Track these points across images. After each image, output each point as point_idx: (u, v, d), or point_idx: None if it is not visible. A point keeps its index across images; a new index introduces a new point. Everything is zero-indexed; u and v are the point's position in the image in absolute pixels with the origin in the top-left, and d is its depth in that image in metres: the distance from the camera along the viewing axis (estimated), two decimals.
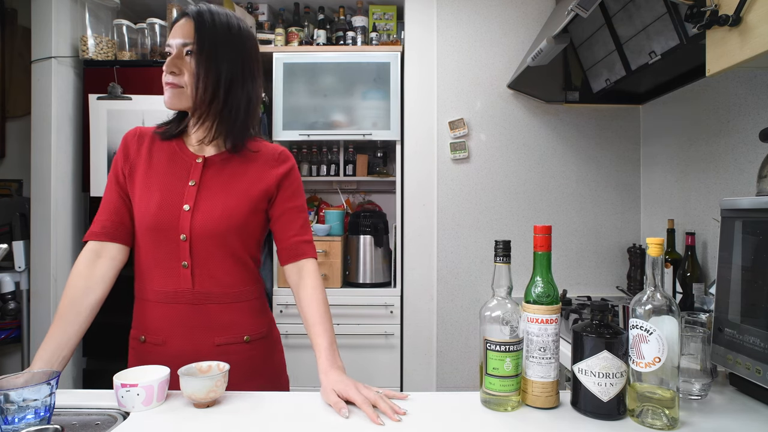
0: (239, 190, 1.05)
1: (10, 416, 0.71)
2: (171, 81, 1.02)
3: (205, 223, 1.02)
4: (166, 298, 1.03)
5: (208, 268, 1.03)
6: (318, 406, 0.88)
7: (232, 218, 1.03)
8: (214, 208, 1.03)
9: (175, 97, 1.04)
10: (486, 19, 2.28)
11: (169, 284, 1.02)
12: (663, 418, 0.78)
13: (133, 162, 1.08)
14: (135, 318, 1.08)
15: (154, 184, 1.05)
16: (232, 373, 0.93)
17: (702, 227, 1.76)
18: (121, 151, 1.10)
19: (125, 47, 2.34)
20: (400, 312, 2.28)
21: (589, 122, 2.27)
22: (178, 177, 1.05)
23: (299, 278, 1.08)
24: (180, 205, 1.02)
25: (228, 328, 1.05)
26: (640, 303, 0.81)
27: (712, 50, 1.07)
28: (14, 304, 2.33)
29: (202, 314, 1.03)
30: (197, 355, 1.01)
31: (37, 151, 2.23)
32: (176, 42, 1.02)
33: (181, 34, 1.01)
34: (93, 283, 1.02)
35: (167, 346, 1.02)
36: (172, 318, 1.02)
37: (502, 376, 0.83)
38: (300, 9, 2.58)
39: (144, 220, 1.02)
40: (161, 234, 1.02)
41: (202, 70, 1.01)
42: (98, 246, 1.04)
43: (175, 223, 1.02)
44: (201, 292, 1.03)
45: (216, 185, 1.05)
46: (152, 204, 1.02)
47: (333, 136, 2.36)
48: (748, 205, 0.93)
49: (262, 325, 1.10)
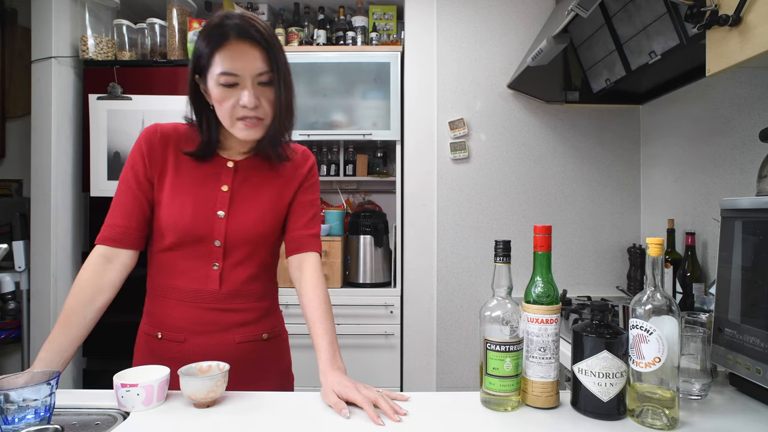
0: (270, 196, 1.06)
1: (10, 416, 0.71)
2: (255, 115, 0.97)
3: (240, 230, 1.03)
4: (190, 297, 1.02)
5: (236, 270, 1.04)
6: (319, 407, 0.88)
7: (266, 225, 1.05)
8: (249, 215, 1.04)
9: (258, 131, 1.00)
10: (486, 19, 2.28)
11: (196, 284, 1.02)
12: (663, 418, 0.78)
13: (161, 167, 1.03)
14: (149, 314, 1.07)
15: (184, 189, 1.02)
16: (249, 371, 0.94)
17: (702, 227, 1.76)
18: (143, 153, 1.03)
19: (125, 47, 2.34)
20: (400, 312, 2.28)
21: (589, 122, 2.27)
22: (210, 181, 1.04)
23: (300, 273, 1.07)
24: (214, 211, 1.02)
25: (249, 327, 1.06)
26: (640, 303, 0.81)
27: (712, 50, 1.07)
28: (14, 304, 2.33)
29: (225, 313, 1.03)
30: (218, 353, 1.01)
31: (37, 151, 2.23)
32: (247, 72, 0.94)
33: (252, 62, 0.94)
34: (101, 288, 0.99)
35: (188, 343, 1.02)
36: (194, 317, 1.02)
37: (502, 376, 0.83)
38: (300, 9, 2.58)
39: (177, 226, 1.00)
40: (194, 239, 1.01)
41: (282, 97, 0.98)
42: (109, 251, 1.00)
43: (209, 229, 1.01)
44: (226, 293, 1.03)
45: (248, 191, 1.05)
46: (186, 210, 1.00)
47: (333, 136, 2.36)
48: (748, 205, 0.93)
49: (277, 323, 1.13)
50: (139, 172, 1.03)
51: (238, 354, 1.03)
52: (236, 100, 0.95)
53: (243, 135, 0.99)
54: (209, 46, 0.94)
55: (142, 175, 1.03)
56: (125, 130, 2.23)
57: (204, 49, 0.95)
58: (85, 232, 2.35)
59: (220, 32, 0.93)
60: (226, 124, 1.00)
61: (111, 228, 1.01)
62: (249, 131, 0.98)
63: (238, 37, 0.93)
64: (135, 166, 1.04)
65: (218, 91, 0.95)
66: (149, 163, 1.03)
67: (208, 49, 0.94)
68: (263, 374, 1.07)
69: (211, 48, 0.94)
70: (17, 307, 2.33)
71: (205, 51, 0.95)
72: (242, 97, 0.95)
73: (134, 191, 1.02)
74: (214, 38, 0.94)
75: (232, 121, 0.98)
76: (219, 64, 0.94)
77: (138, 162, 1.03)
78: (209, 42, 0.94)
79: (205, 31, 0.96)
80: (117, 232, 1.01)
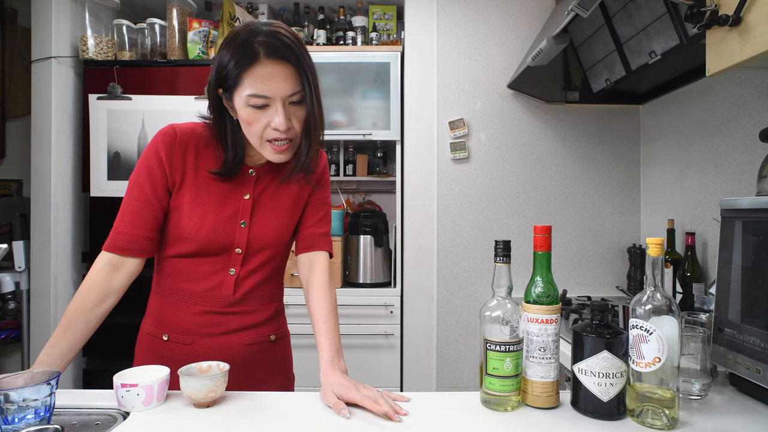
0: (289, 200, 1.06)
1: (10, 416, 0.71)
2: (286, 137, 0.93)
3: (262, 237, 1.02)
4: (200, 301, 1.01)
5: (252, 275, 1.04)
6: (318, 407, 0.88)
7: (285, 228, 1.05)
8: (270, 222, 1.03)
9: (288, 154, 0.96)
10: (486, 19, 2.28)
11: (209, 288, 1.01)
12: (663, 418, 0.78)
13: (182, 173, 0.98)
14: (154, 315, 1.05)
15: (205, 197, 0.99)
16: (255, 372, 0.94)
17: (702, 227, 1.76)
18: (161, 158, 0.97)
19: (125, 47, 2.34)
20: (400, 312, 2.28)
21: (589, 122, 2.27)
22: (231, 189, 1.01)
23: (309, 272, 1.07)
24: (236, 219, 1.01)
25: (257, 329, 1.06)
26: (640, 303, 0.81)
27: (712, 50, 1.07)
28: (14, 304, 2.33)
29: (235, 316, 1.03)
30: (225, 355, 1.00)
31: (37, 151, 2.23)
32: (279, 93, 0.89)
33: (283, 82, 0.89)
34: (106, 295, 0.96)
35: (195, 346, 1.01)
36: (204, 320, 1.01)
37: (502, 376, 0.83)
38: (300, 9, 2.58)
39: (198, 235, 0.98)
40: (216, 248, 1.00)
41: (313, 116, 0.93)
42: (116, 259, 0.96)
43: (231, 238, 1.00)
44: (240, 296, 1.03)
45: (269, 197, 1.04)
46: (207, 220, 0.98)
47: (333, 136, 2.36)
48: (748, 205, 0.93)
49: (282, 324, 1.13)
50: (156, 177, 0.97)
51: (245, 356, 1.02)
52: (267, 122, 0.91)
53: (273, 158, 0.96)
54: (238, 66, 0.88)
55: (159, 182, 0.97)
56: (125, 130, 2.23)
57: (231, 68, 0.89)
58: (85, 232, 2.35)
59: (249, 51, 0.87)
60: (255, 144, 0.95)
61: (120, 236, 0.97)
62: (280, 156, 0.95)
63: (269, 56, 0.87)
64: (152, 170, 0.97)
65: (247, 112, 0.91)
66: (169, 169, 0.97)
67: (236, 70, 0.88)
68: (268, 375, 1.07)
69: (240, 68, 0.88)
70: (17, 307, 2.33)
71: (232, 70, 0.89)
72: (273, 120, 0.90)
73: (148, 197, 0.97)
74: (242, 57, 0.88)
75: (262, 142, 0.94)
76: (248, 86, 0.88)
77: (155, 167, 0.97)
78: (238, 61, 0.88)
79: (232, 46, 0.89)
80: (126, 240, 0.96)
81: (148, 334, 1.05)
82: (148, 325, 1.06)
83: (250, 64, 0.87)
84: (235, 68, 0.88)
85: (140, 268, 1.01)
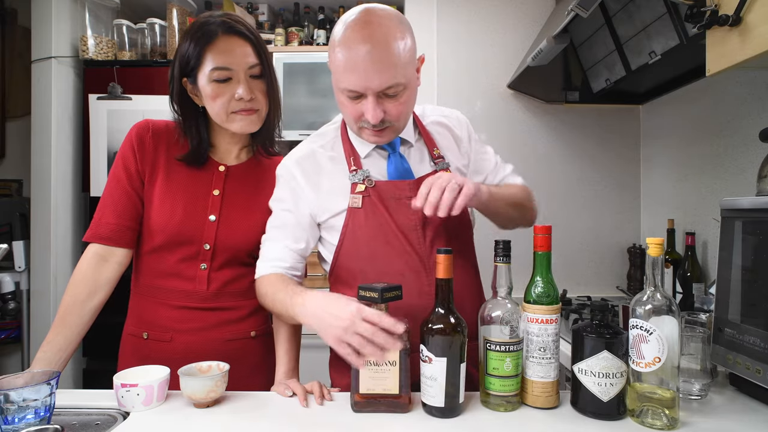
0: (261, 203, 1.06)
1: (10, 416, 0.71)
2: (251, 106, 0.98)
3: (230, 236, 1.03)
4: (176, 297, 1.02)
5: (224, 271, 1.04)
6: (319, 407, 0.88)
7: (255, 231, 1.04)
8: (239, 222, 1.04)
9: (254, 123, 1.01)
10: (486, 20, 2.27)
11: (183, 285, 1.02)
12: (663, 418, 0.78)
13: (152, 164, 1.03)
14: (133, 314, 1.06)
15: (176, 190, 1.02)
16: (237, 369, 0.94)
17: (702, 227, 1.76)
18: (134, 149, 1.03)
19: (125, 47, 2.34)
20: None
21: (589, 122, 2.27)
22: (201, 185, 1.04)
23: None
24: (205, 215, 1.02)
25: (237, 324, 1.06)
26: (640, 303, 0.81)
27: (712, 50, 1.07)
28: (14, 304, 2.33)
29: (213, 312, 1.03)
30: (205, 351, 1.00)
31: (37, 151, 2.23)
32: (240, 66, 0.96)
33: (243, 56, 0.96)
34: (97, 287, 0.99)
35: (174, 343, 1.02)
36: (182, 316, 1.02)
37: (502, 376, 0.83)
38: (300, 9, 2.58)
39: (167, 228, 1.00)
40: (184, 242, 1.01)
41: (272, 89, 1.00)
42: (104, 250, 1.00)
43: (200, 233, 1.01)
44: (214, 291, 1.03)
45: (239, 197, 1.05)
46: (176, 213, 1.00)
47: None
48: (748, 205, 0.93)
49: (265, 321, 1.12)
50: (130, 167, 1.02)
51: (226, 352, 1.02)
52: (231, 95, 0.96)
53: (239, 126, 0.99)
54: (198, 45, 0.95)
55: (133, 171, 1.02)
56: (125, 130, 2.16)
57: (192, 50, 0.96)
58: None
59: (208, 30, 0.95)
60: (220, 120, 0.99)
61: (103, 226, 1.00)
62: (245, 121, 0.99)
63: (227, 32, 0.95)
64: (126, 161, 1.02)
65: (211, 87, 0.96)
66: (140, 158, 1.02)
67: (197, 49, 0.95)
68: (252, 372, 1.06)
69: (201, 46, 0.95)
70: (17, 307, 2.33)
71: (193, 51, 0.96)
72: (237, 91, 0.96)
73: (125, 188, 1.01)
74: (202, 37, 0.95)
75: (227, 115, 0.98)
76: (210, 61, 0.95)
77: (129, 157, 1.02)
78: (198, 41, 0.95)
79: (190, 32, 0.97)
80: (111, 230, 1.00)
81: (129, 335, 1.07)
82: (129, 326, 1.07)
83: (210, 40, 0.95)
84: (195, 48, 0.95)
85: (128, 260, 1.04)
